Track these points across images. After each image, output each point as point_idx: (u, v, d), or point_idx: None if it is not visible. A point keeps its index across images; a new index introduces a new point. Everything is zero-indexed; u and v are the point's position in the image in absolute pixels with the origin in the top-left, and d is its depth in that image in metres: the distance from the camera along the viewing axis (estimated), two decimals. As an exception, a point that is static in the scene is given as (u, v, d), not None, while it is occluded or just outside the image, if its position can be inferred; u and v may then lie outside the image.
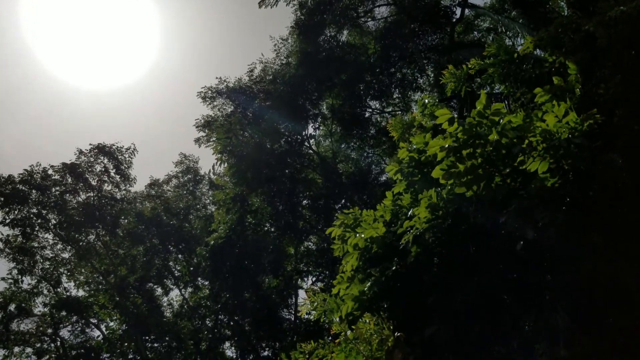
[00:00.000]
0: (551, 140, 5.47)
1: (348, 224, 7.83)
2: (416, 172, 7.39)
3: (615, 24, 7.05)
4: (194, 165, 34.66)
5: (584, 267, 6.23)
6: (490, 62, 8.40)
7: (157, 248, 30.88)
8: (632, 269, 7.40)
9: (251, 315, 27.61)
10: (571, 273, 6.24)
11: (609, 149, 6.26)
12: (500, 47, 8.23)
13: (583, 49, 6.77)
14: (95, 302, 29.49)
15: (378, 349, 6.44)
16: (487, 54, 8.67)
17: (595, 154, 5.67)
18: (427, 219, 6.39)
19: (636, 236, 7.90)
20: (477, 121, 5.71)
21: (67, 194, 28.91)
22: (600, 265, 6.61)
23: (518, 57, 7.84)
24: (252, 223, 27.62)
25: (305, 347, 8.12)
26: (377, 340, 6.46)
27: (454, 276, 6.21)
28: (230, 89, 27.63)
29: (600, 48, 7.08)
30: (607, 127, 6.53)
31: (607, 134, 6.35)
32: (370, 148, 30.57)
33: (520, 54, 7.71)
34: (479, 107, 5.70)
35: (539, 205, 5.47)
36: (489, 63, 8.42)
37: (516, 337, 8.45)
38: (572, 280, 6.39)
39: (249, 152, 25.26)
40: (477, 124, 5.72)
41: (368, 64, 27.09)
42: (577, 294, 6.95)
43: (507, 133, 5.65)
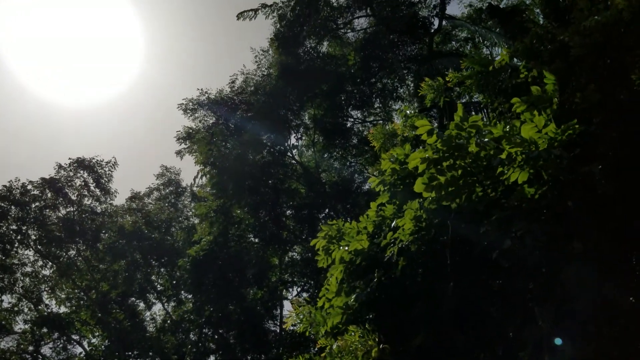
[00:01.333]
0: (530, 151, 5.58)
1: (332, 236, 7.87)
2: (399, 183, 7.46)
3: (590, 34, 7.23)
4: (175, 177, 34.46)
5: (565, 275, 6.33)
6: (467, 73, 8.54)
7: (138, 262, 30.52)
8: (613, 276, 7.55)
9: (236, 327, 27.39)
10: (552, 281, 6.33)
11: (588, 159, 6.39)
12: (475, 59, 8.38)
13: (558, 59, 6.92)
14: (76, 319, 28.98)
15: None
16: (463, 66, 8.82)
17: (574, 164, 5.79)
18: (412, 230, 6.45)
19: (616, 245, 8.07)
20: (455, 133, 5.79)
21: (46, 209, 28.51)
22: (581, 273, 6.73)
23: (494, 69, 7.98)
24: (236, 234, 27.49)
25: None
26: (362, 352, 6.48)
27: (438, 286, 6.27)
28: (212, 100, 27.55)
29: (576, 57, 7.25)
30: (585, 136, 6.67)
31: (586, 143, 6.49)
32: (352, 157, 30.71)
33: (496, 65, 7.86)
34: (456, 119, 5.79)
35: (518, 216, 5.56)
36: (465, 75, 8.56)
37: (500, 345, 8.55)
38: (553, 288, 6.48)
39: (231, 164, 25.19)
40: (455, 136, 5.80)
41: (349, 75, 27.28)
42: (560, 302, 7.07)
43: (486, 145, 5.75)
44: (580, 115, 7.37)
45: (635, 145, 7.71)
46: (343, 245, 7.52)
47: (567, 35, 6.70)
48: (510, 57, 7.58)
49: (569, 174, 5.73)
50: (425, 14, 26.68)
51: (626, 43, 6.67)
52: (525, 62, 7.40)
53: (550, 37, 7.11)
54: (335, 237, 7.85)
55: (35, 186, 28.46)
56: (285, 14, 25.63)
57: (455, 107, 20.96)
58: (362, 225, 7.75)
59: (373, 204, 7.67)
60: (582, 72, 6.80)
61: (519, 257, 6.03)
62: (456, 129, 5.75)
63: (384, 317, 6.72)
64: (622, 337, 7.06)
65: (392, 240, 6.84)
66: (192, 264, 25.82)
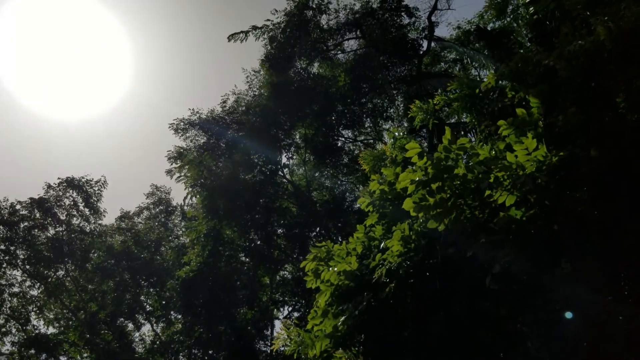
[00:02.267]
0: (517, 176, 5.70)
1: (321, 257, 7.87)
2: (387, 204, 7.54)
3: (574, 57, 7.42)
4: (165, 196, 34.33)
5: (553, 298, 6.41)
6: (454, 96, 8.70)
7: (127, 282, 30.23)
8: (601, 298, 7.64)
9: (226, 348, 27.06)
10: (541, 303, 6.40)
11: (573, 183, 6.52)
12: (462, 83, 8.55)
13: (543, 82, 7.08)
14: (64, 339, 28.55)
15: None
16: (450, 89, 8.99)
17: (560, 189, 5.90)
18: (400, 252, 6.50)
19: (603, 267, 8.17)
20: (444, 155, 5.91)
21: (35, 229, 28.29)
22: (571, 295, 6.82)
23: (480, 92, 8.14)
24: (226, 255, 27.36)
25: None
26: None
27: (426, 309, 6.31)
28: (203, 120, 27.64)
29: (561, 80, 7.41)
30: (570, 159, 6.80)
31: (571, 167, 6.61)
32: (343, 176, 30.82)
33: (482, 88, 8.02)
34: (444, 142, 5.91)
35: (506, 240, 5.65)
36: (452, 97, 8.72)
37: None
38: (542, 310, 6.55)
39: (221, 184, 25.18)
40: (444, 158, 5.92)
41: (339, 95, 27.52)
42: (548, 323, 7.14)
43: (474, 168, 5.86)
44: (565, 137, 7.53)
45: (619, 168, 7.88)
46: (332, 265, 7.53)
47: (552, 59, 6.87)
48: (497, 80, 7.75)
49: (554, 199, 5.84)
50: (414, 36, 27.13)
51: (609, 69, 6.86)
52: (511, 86, 7.55)
53: (536, 60, 7.28)
54: (324, 258, 7.86)
55: (23, 206, 28.29)
56: (275, 36, 25.92)
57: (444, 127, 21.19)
58: (352, 246, 7.79)
59: (360, 227, 7.72)
60: (568, 94, 6.96)
61: (507, 282, 6.10)
62: (444, 152, 5.87)
63: (372, 341, 6.73)
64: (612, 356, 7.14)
65: (381, 262, 6.88)
66: (182, 285, 25.61)
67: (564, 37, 7.74)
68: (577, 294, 7.13)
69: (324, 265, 7.66)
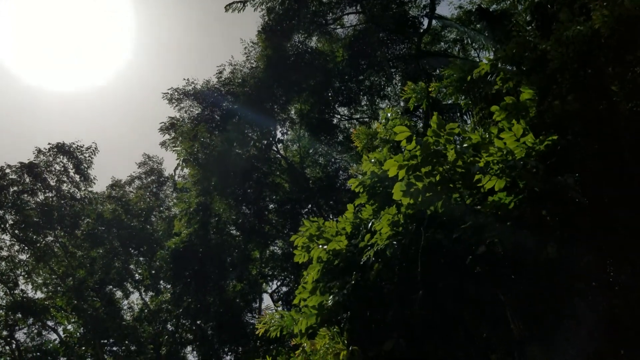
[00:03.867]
0: (507, 160, 5.63)
1: (312, 234, 7.84)
2: (378, 185, 7.47)
3: (571, 43, 7.29)
4: (157, 166, 34.14)
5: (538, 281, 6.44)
6: (447, 81, 8.58)
7: (117, 250, 30.25)
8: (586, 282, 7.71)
9: (214, 319, 27.29)
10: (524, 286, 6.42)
11: (562, 169, 6.47)
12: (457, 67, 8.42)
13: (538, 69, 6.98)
14: (52, 305, 28.66)
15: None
16: (445, 73, 8.86)
17: (549, 174, 5.86)
18: (388, 234, 6.47)
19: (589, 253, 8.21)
20: (434, 140, 5.82)
21: (24, 193, 28.07)
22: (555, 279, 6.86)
23: (472, 79, 8.02)
24: (216, 227, 27.35)
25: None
26: (332, 355, 6.49)
27: (411, 290, 6.31)
28: (198, 90, 27.31)
29: (556, 66, 7.30)
30: (562, 145, 6.74)
31: (562, 153, 6.56)
32: (338, 154, 30.71)
33: (475, 76, 7.89)
34: (433, 127, 5.82)
35: (491, 224, 5.62)
36: (446, 83, 8.60)
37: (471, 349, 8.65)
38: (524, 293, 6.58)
39: (214, 157, 25.02)
40: (434, 142, 5.83)
41: (337, 71, 27.23)
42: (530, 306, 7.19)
43: (464, 153, 5.78)
44: (558, 124, 7.46)
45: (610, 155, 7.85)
46: (322, 243, 7.52)
47: (549, 44, 6.75)
48: (492, 66, 7.61)
49: (543, 184, 5.80)
50: (415, 13, 26.73)
51: (606, 55, 6.75)
52: (504, 73, 7.44)
53: (532, 45, 7.16)
54: (315, 235, 7.84)
55: (13, 170, 28.02)
56: (274, 7, 25.46)
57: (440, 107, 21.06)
58: (342, 225, 7.76)
59: (350, 206, 7.68)
60: (563, 81, 6.86)
61: (491, 264, 6.11)
62: (434, 136, 5.78)
63: (357, 320, 6.75)
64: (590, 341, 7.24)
65: (370, 244, 6.86)
66: (172, 256, 25.66)
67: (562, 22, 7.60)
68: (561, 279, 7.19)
69: (315, 242, 7.64)
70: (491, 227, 5.66)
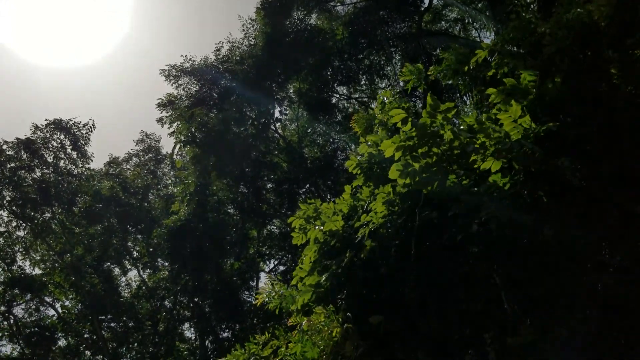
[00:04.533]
0: (503, 142, 5.60)
1: (309, 215, 7.85)
2: (375, 167, 7.45)
3: (571, 27, 7.21)
4: (155, 144, 34.04)
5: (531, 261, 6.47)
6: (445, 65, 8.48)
7: (114, 228, 30.33)
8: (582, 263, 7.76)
9: (212, 297, 27.53)
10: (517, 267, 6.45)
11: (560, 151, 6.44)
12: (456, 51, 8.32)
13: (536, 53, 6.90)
14: (50, 281, 28.84)
15: (328, 341, 6.54)
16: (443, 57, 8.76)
17: (546, 156, 5.83)
18: (384, 214, 6.47)
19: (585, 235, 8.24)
20: (430, 121, 5.78)
21: (22, 170, 28.01)
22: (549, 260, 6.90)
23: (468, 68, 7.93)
24: (214, 206, 27.40)
25: (259, 339, 8.16)
26: (327, 332, 6.55)
27: (405, 269, 6.34)
28: (196, 68, 27.10)
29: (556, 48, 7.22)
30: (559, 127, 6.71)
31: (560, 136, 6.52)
32: (336, 134, 30.63)
33: (472, 65, 7.80)
34: (428, 107, 5.77)
35: (486, 202, 5.61)
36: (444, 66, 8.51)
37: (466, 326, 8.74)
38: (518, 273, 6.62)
39: (212, 136, 24.92)
40: (430, 124, 5.79)
41: (336, 49, 26.97)
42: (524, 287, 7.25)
43: (460, 135, 5.75)
44: (558, 107, 7.41)
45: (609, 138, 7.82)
46: (319, 225, 7.53)
47: (549, 27, 6.66)
48: (490, 52, 7.51)
49: (539, 165, 5.78)
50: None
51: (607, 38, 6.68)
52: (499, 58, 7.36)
53: (532, 28, 7.06)
54: (312, 216, 7.85)
55: (10, 146, 27.91)
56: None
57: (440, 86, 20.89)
58: (339, 207, 7.76)
59: (347, 187, 7.66)
60: (562, 64, 6.79)
61: (486, 243, 6.13)
62: (429, 117, 5.74)
63: (352, 298, 6.79)
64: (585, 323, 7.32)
65: (365, 223, 6.86)
66: (169, 234, 25.74)
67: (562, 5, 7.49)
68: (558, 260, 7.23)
69: (312, 223, 7.65)
70: (486, 206, 5.66)
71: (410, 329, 6.63)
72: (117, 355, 28.29)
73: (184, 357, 30.08)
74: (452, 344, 9.47)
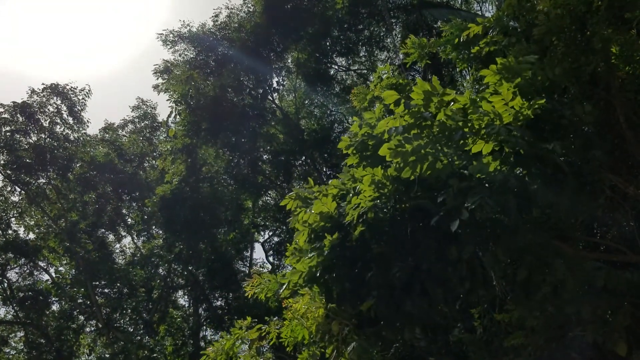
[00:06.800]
0: (493, 126, 5.48)
1: (302, 197, 7.73)
2: (370, 146, 7.31)
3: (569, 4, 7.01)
4: (151, 111, 33.69)
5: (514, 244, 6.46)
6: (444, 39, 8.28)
7: (109, 195, 30.29)
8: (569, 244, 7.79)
9: (205, 265, 27.72)
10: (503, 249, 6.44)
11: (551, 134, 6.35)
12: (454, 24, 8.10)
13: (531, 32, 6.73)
14: (44, 246, 28.94)
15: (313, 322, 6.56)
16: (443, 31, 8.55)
17: (537, 140, 5.74)
18: (372, 197, 6.39)
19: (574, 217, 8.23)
20: (422, 103, 5.65)
21: (17, 133, 27.78)
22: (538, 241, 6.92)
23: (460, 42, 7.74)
24: (208, 175, 27.31)
25: (242, 323, 8.18)
26: (312, 314, 6.55)
27: (392, 252, 6.31)
28: (193, 33, 26.61)
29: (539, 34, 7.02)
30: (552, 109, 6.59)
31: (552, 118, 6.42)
32: (334, 106, 30.34)
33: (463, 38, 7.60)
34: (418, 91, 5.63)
35: (475, 187, 5.53)
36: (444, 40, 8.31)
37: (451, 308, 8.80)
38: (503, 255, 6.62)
39: (208, 103, 24.63)
40: (423, 105, 5.67)
41: (336, 19, 26.46)
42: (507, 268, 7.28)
43: (454, 116, 5.63)
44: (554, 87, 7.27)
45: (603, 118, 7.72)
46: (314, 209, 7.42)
47: (547, 4, 6.46)
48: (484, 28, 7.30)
49: (529, 148, 5.68)
50: (418, -40, 25.70)
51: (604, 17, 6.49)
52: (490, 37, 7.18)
53: (529, 6, 6.86)
54: (305, 198, 7.73)
55: (6, 110, 27.63)
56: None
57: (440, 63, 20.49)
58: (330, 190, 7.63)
59: (346, 169, 7.50)
60: (559, 44, 6.62)
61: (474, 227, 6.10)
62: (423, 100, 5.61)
63: (339, 279, 6.77)
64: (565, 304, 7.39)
65: (355, 205, 6.79)
66: (161, 203, 25.70)
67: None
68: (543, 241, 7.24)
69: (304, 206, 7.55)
70: (475, 190, 5.58)
71: (397, 309, 6.65)
72: (110, 321, 28.61)
73: (177, 324, 30.45)
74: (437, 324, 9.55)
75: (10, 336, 29.02)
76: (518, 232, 6.37)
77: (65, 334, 28.05)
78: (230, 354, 8.01)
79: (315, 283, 7.11)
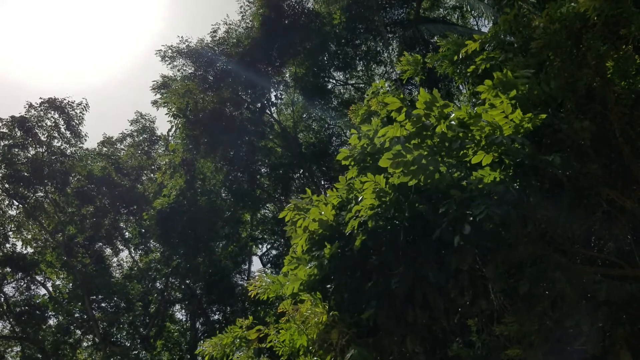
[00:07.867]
0: (494, 137, 5.58)
1: (300, 207, 7.79)
2: (368, 159, 7.40)
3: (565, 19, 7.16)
4: (150, 124, 33.79)
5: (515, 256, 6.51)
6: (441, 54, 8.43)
7: (107, 208, 30.25)
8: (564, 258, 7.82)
9: (203, 279, 27.63)
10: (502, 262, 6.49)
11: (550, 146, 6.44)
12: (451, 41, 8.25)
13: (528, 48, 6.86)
14: (41, 260, 28.81)
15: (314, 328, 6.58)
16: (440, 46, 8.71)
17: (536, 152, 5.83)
18: (372, 205, 6.45)
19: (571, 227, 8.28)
20: (424, 113, 5.75)
21: (15, 147, 27.83)
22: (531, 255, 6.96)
23: (459, 59, 7.89)
24: (206, 189, 27.32)
25: (242, 322, 8.19)
26: (314, 320, 6.58)
27: (393, 262, 6.36)
28: (192, 49, 26.81)
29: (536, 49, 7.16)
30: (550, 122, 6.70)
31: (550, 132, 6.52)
32: (331, 119, 30.51)
33: (461, 55, 7.75)
34: (420, 101, 5.73)
35: (476, 199, 5.61)
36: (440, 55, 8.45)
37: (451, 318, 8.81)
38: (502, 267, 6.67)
39: (205, 117, 24.74)
40: (424, 115, 5.76)
41: (333, 34, 26.74)
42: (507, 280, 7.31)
43: (453, 127, 5.72)
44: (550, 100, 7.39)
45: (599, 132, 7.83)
46: (310, 216, 7.48)
47: (542, 20, 6.60)
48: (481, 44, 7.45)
49: (529, 160, 5.77)
50: (415, -23, 26.09)
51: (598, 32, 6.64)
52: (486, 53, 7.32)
53: (525, 21, 7.01)
54: (303, 208, 7.79)
55: (4, 124, 27.72)
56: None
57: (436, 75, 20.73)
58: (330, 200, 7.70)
59: (342, 178, 7.59)
60: (555, 59, 6.75)
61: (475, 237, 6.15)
62: (425, 110, 5.71)
63: (339, 288, 6.81)
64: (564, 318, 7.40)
65: (356, 214, 6.85)
66: (158, 216, 25.68)
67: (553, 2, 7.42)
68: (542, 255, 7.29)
69: (302, 214, 7.60)
70: (476, 202, 5.66)
71: (397, 319, 6.68)
72: (107, 335, 28.40)
73: (175, 338, 30.26)
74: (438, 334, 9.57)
75: (7, 351, 28.81)
76: (518, 244, 6.43)
77: (62, 349, 27.83)
78: (227, 350, 8.00)
79: (315, 290, 7.15)
